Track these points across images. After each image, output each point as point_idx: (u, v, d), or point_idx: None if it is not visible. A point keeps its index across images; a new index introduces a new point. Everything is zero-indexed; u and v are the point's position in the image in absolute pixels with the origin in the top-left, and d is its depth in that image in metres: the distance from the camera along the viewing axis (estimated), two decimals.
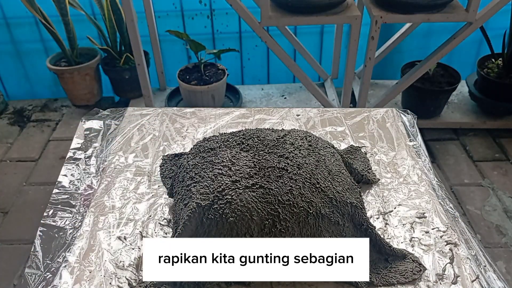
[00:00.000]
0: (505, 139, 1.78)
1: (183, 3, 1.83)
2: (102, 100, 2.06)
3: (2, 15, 1.83)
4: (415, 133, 0.73)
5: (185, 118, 0.77)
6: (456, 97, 1.92)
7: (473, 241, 0.54)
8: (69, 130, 1.88)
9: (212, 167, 0.51)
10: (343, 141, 0.71)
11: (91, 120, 0.75)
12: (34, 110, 2.01)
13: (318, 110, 0.79)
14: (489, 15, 1.41)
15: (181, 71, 1.82)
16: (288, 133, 0.59)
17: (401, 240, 0.54)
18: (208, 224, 0.46)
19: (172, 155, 0.67)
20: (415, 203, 0.59)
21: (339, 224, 0.50)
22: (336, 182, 0.53)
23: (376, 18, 1.38)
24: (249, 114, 0.77)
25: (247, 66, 2.04)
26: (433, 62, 1.55)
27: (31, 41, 1.91)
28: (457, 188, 1.56)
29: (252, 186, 0.48)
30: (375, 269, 0.50)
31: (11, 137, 1.85)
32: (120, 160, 0.67)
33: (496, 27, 1.79)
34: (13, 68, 1.99)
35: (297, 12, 1.39)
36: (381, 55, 1.88)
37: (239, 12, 1.38)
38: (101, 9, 1.79)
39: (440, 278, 0.49)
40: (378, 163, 0.66)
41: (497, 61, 1.76)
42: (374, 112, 0.78)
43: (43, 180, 1.61)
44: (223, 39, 1.94)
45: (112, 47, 1.88)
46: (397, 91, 1.64)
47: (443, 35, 1.60)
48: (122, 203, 0.59)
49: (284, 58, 1.50)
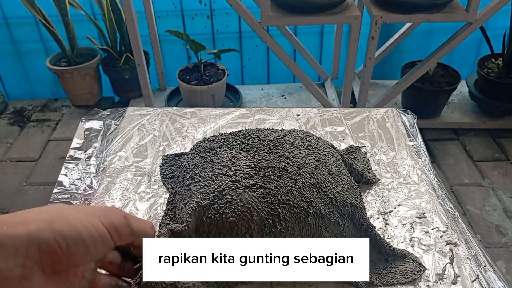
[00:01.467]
0: (505, 139, 1.78)
1: (183, 3, 1.83)
2: (102, 100, 2.06)
3: (2, 15, 1.83)
4: (415, 133, 0.73)
5: (185, 118, 0.77)
6: (456, 97, 1.92)
7: (473, 241, 0.54)
8: (69, 130, 1.88)
9: (212, 167, 0.51)
10: (343, 141, 0.71)
11: (91, 120, 0.75)
12: (34, 110, 2.02)
13: (318, 110, 0.79)
14: (489, 15, 1.41)
15: (181, 71, 1.82)
16: (288, 133, 0.59)
17: (401, 240, 0.54)
18: (208, 223, 0.46)
19: (172, 155, 0.67)
20: (415, 203, 0.59)
21: (339, 224, 0.50)
22: (336, 182, 0.53)
23: (376, 18, 1.38)
24: (249, 114, 0.77)
25: (247, 66, 2.04)
26: (433, 62, 1.55)
27: (31, 41, 1.91)
28: (457, 188, 1.56)
29: (252, 186, 0.48)
30: (375, 269, 0.50)
31: (11, 137, 1.85)
32: (120, 160, 0.67)
33: (496, 27, 1.79)
34: (13, 68, 1.99)
35: (297, 12, 1.39)
36: (381, 55, 1.88)
37: (239, 12, 1.38)
38: (101, 9, 1.79)
39: (440, 278, 0.49)
40: (378, 163, 0.66)
41: (497, 61, 1.76)
42: (374, 112, 0.78)
43: (43, 180, 1.61)
44: (223, 39, 1.94)
45: (112, 47, 1.88)
46: (397, 91, 1.64)
47: (443, 35, 1.60)
48: (122, 203, 0.59)
49: (284, 58, 1.50)
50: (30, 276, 0.30)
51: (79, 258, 0.33)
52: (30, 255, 0.30)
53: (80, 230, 0.33)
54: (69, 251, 0.32)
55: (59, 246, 0.31)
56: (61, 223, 0.32)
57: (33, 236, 0.31)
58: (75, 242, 0.32)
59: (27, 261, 0.30)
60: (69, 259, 0.32)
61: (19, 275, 0.30)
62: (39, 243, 0.31)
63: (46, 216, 0.32)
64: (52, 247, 0.31)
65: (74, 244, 0.32)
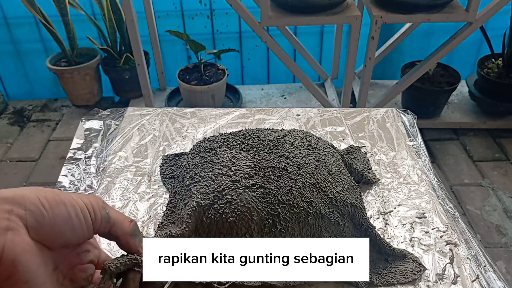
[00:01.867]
0: (505, 139, 1.78)
1: (183, 3, 1.83)
2: (102, 100, 2.06)
3: (2, 15, 1.83)
4: (415, 133, 0.73)
5: (185, 118, 0.77)
6: (456, 97, 1.92)
7: (473, 241, 0.54)
8: (69, 130, 1.88)
9: (212, 167, 0.51)
10: (343, 141, 0.71)
11: (91, 120, 0.75)
12: (34, 110, 2.02)
13: (318, 110, 0.79)
14: (489, 15, 1.41)
15: (181, 71, 1.82)
16: (288, 133, 0.59)
17: (401, 240, 0.54)
18: (208, 223, 0.46)
19: (172, 155, 0.67)
20: (415, 203, 0.59)
21: (339, 224, 0.50)
22: (336, 182, 0.53)
23: (376, 18, 1.38)
24: (249, 114, 0.77)
25: (247, 66, 2.04)
26: (433, 62, 1.55)
27: (31, 41, 1.91)
28: (457, 188, 1.56)
29: (252, 186, 0.48)
30: (375, 269, 0.50)
31: (11, 137, 1.85)
32: (120, 160, 0.67)
33: (496, 27, 1.79)
34: (13, 68, 1.99)
35: (297, 12, 1.39)
36: (381, 55, 1.88)
37: (239, 12, 1.38)
38: (101, 9, 1.79)
39: (440, 278, 0.49)
40: (378, 163, 0.66)
41: (497, 61, 1.76)
42: (374, 112, 0.78)
43: (43, 180, 1.61)
44: (223, 39, 1.94)
45: (112, 47, 1.88)
46: (397, 91, 1.64)
47: (443, 35, 1.60)
48: (122, 203, 0.59)
49: (284, 58, 1.50)
50: (16, 229, 0.31)
51: (61, 224, 0.34)
52: (15, 212, 0.32)
53: (61, 196, 0.34)
54: (52, 212, 0.33)
55: (43, 205, 0.33)
56: (44, 190, 0.34)
57: (18, 196, 0.32)
58: (57, 204, 0.34)
59: (12, 216, 0.31)
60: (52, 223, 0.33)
61: (5, 226, 0.31)
62: (24, 202, 0.32)
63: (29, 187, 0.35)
64: (36, 205, 0.33)
65: (56, 205, 0.34)
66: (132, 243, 0.39)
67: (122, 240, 0.39)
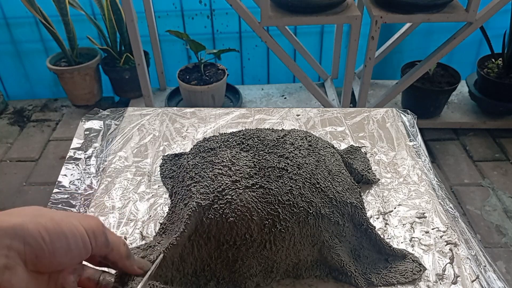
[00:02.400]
0: (505, 139, 1.78)
1: (183, 3, 1.83)
2: (102, 100, 2.06)
3: (2, 15, 1.83)
4: (415, 133, 0.73)
5: (185, 118, 0.77)
6: (456, 97, 1.92)
7: (473, 241, 0.54)
8: (69, 130, 1.88)
9: (212, 167, 0.51)
10: (343, 141, 0.71)
11: (91, 120, 0.75)
12: (34, 110, 2.02)
13: (318, 110, 0.79)
14: (489, 15, 1.41)
15: (181, 71, 1.82)
16: (288, 133, 0.59)
17: (401, 240, 0.54)
18: (208, 223, 0.46)
19: (172, 155, 0.67)
20: (415, 203, 0.59)
21: (339, 224, 0.50)
22: (336, 182, 0.53)
23: (376, 18, 1.38)
24: (249, 114, 0.77)
25: (247, 66, 2.04)
26: (433, 62, 1.55)
27: (31, 41, 1.91)
28: (457, 188, 1.56)
29: (252, 186, 0.48)
30: (375, 269, 0.50)
31: (11, 137, 1.85)
32: (120, 160, 0.67)
33: (496, 27, 1.79)
34: (13, 68, 1.99)
35: (297, 12, 1.39)
36: (381, 55, 1.88)
37: (239, 12, 1.38)
38: (101, 9, 1.79)
39: (440, 278, 0.49)
40: (378, 163, 0.66)
41: (497, 61, 1.76)
42: (374, 112, 0.78)
43: (43, 180, 1.61)
44: (223, 39, 1.94)
45: (112, 47, 1.88)
46: (397, 91, 1.64)
47: (443, 35, 1.60)
48: (122, 203, 0.59)
49: (284, 58, 1.50)
50: (14, 268, 0.30)
51: (60, 256, 0.33)
52: (14, 247, 0.31)
53: (62, 226, 0.33)
54: (52, 245, 0.32)
55: (43, 239, 0.32)
56: (44, 218, 0.33)
57: (18, 228, 0.31)
58: (58, 236, 0.32)
59: (11, 252, 0.30)
60: (51, 256, 0.32)
61: (3, 265, 0.30)
62: (23, 235, 0.31)
63: (30, 211, 0.33)
64: (36, 239, 0.31)
65: (57, 238, 0.32)
66: (129, 266, 0.39)
67: (119, 264, 0.38)
